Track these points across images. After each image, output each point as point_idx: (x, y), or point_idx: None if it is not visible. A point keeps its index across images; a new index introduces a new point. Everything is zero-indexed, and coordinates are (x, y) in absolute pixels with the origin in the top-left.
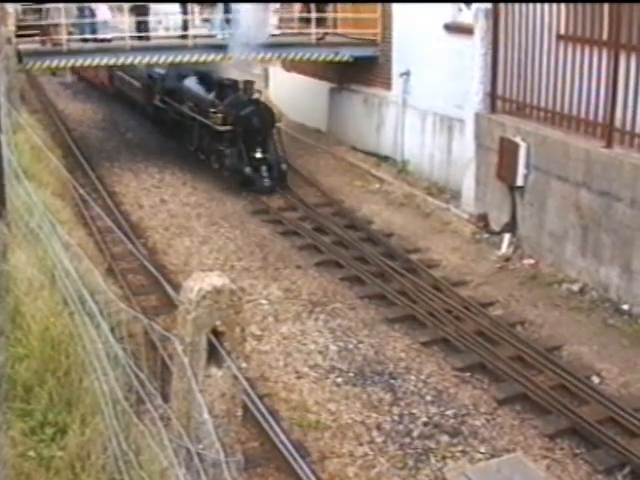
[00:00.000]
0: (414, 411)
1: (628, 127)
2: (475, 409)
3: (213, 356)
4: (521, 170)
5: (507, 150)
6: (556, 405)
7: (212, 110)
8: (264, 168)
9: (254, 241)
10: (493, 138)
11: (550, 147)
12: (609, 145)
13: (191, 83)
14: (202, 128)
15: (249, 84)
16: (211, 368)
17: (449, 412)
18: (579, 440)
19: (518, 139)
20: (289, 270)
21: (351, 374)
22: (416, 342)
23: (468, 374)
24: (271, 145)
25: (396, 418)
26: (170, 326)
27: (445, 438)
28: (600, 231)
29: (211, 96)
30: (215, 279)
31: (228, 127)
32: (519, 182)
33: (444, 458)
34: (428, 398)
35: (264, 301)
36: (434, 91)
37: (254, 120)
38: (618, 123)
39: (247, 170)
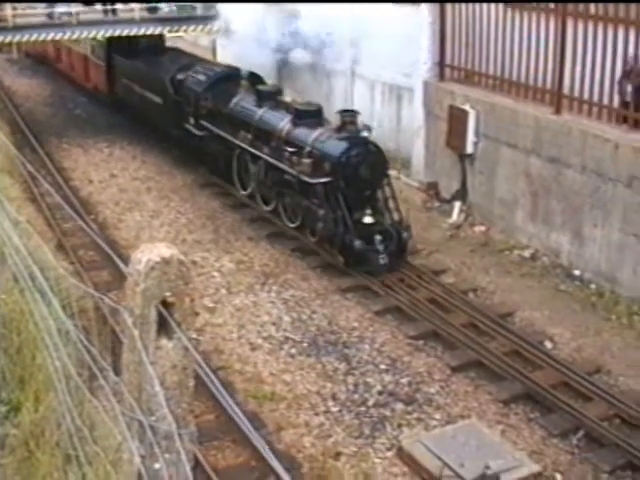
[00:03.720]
0: (369, 380)
1: (576, 94)
2: (429, 377)
3: (163, 327)
4: (470, 138)
5: (456, 118)
6: (510, 371)
7: (291, 150)
8: (378, 238)
9: (205, 214)
10: (442, 106)
11: (499, 114)
12: (558, 112)
13: (246, 101)
14: (272, 171)
15: (350, 115)
16: (161, 340)
17: (404, 380)
18: (533, 405)
19: (467, 107)
20: (241, 242)
21: (305, 344)
22: (369, 311)
23: (422, 342)
24: (382, 202)
25: (351, 387)
26: (122, 300)
27: (400, 406)
28: (550, 198)
29: (285, 124)
30: (163, 250)
31: (322, 179)
32: (469, 150)
33: (400, 426)
34: (382, 367)
35: (216, 273)
36: (383, 60)
37: (362, 170)
38: (566, 90)
39: (357, 244)
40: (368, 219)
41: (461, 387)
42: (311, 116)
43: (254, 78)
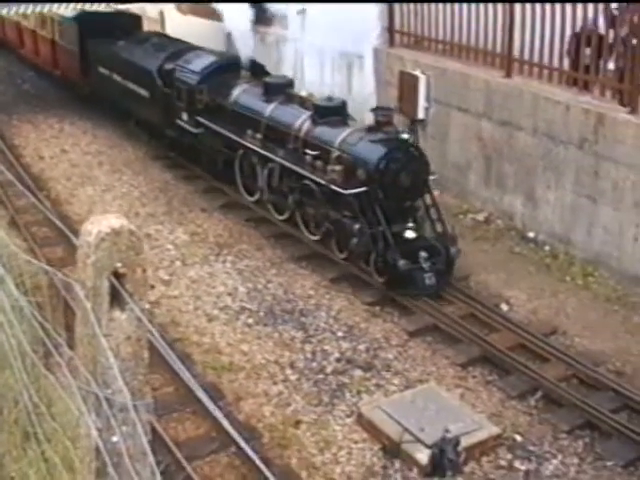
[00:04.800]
0: (326, 347)
1: (527, 56)
2: (387, 342)
3: (116, 299)
4: (422, 103)
5: (407, 84)
6: (466, 334)
7: (313, 153)
8: (423, 255)
9: (158, 187)
10: (392, 72)
11: (450, 79)
12: (508, 75)
13: (251, 94)
14: (289, 177)
15: (386, 114)
16: (114, 311)
17: (361, 347)
18: (491, 368)
19: (417, 72)
20: (194, 214)
21: (261, 314)
22: (325, 279)
23: (378, 308)
24: (424, 214)
25: (309, 355)
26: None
27: (359, 373)
28: (503, 161)
29: (303, 123)
30: (113, 221)
31: (356, 189)
32: (420, 115)
33: (359, 392)
34: (340, 334)
35: (170, 246)
36: (332, 28)
37: (403, 177)
38: (516, 53)
39: (402, 264)
40: (410, 233)
41: (419, 352)
42: (334, 113)
43: (256, 68)
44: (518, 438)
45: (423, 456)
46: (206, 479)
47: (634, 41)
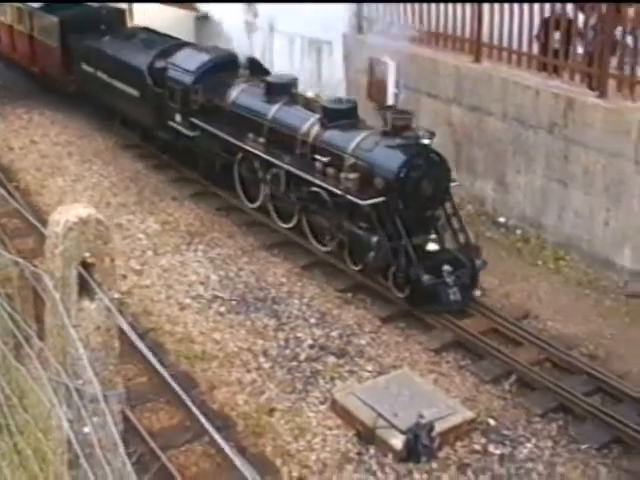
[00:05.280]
0: (299, 335)
1: (495, 41)
2: (360, 329)
3: (85, 289)
4: (391, 89)
5: (376, 70)
6: (439, 320)
7: (324, 160)
8: (447, 269)
9: (128, 176)
10: (362, 59)
11: (420, 65)
12: (477, 60)
13: (251, 94)
14: (296, 184)
15: (404, 117)
16: (83, 301)
17: (334, 333)
18: (464, 353)
19: (387, 58)
20: (165, 203)
21: (234, 302)
22: (297, 266)
23: (350, 295)
24: (445, 223)
25: (282, 343)
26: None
27: (332, 359)
28: (473, 146)
29: (311, 126)
30: (81, 210)
31: (374, 199)
32: (390, 101)
33: (332, 379)
34: (312, 321)
35: (142, 235)
36: (301, 14)
37: (424, 185)
38: (485, 38)
39: (426, 280)
40: (433, 246)
41: (392, 338)
42: (344, 116)
43: (254, 66)
44: (492, 422)
45: (398, 442)
46: (181, 468)
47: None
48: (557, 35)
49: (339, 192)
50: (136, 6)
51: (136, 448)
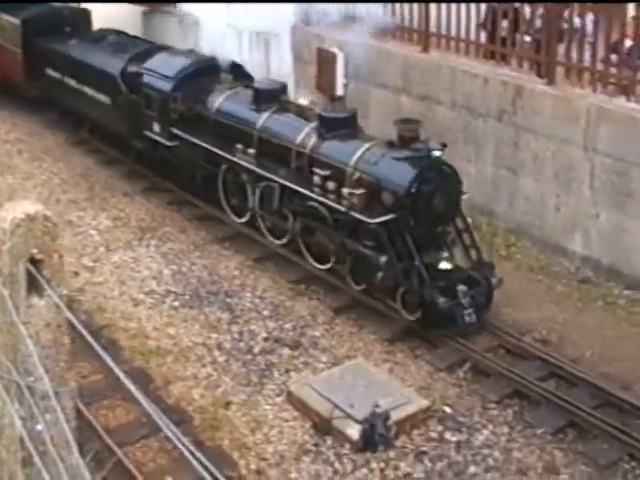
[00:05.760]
0: (253, 327)
1: (443, 31)
2: (313, 320)
3: (34, 286)
4: (340, 80)
5: (325, 61)
6: (393, 309)
7: (323, 173)
8: (462, 289)
9: (79, 173)
10: (310, 50)
11: (367, 55)
12: (426, 50)
13: (237, 102)
14: (291, 199)
15: (411, 128)
16: (32, 298)
17: (288, 325)
18: (418, 342)
19: (335, 49)
20: (116, 198)
21: (187, 297)
22: (249, 259)
23: (303, 286)
24: (456, 238)
25: (236, 336)
26: None
27: (286, 351)
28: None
29: (307, 137)
30: (28, 207)
31: (383, 216)
32: (339, 92)
33: (287, 371)
34: (266, 313)
35: (93, 232)
36: (248, 7)
37: (436, 201)
38: (433, 28)
39: (443, 302)
40: (445, 264)
41: (345, 328)
42: (343, 125)
43: (237, 70)
44: (448, 410)
45: (354, 432)
46: (138, 465)
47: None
48: (505, 23)
49: (343, 209)
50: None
51: (92, 445)
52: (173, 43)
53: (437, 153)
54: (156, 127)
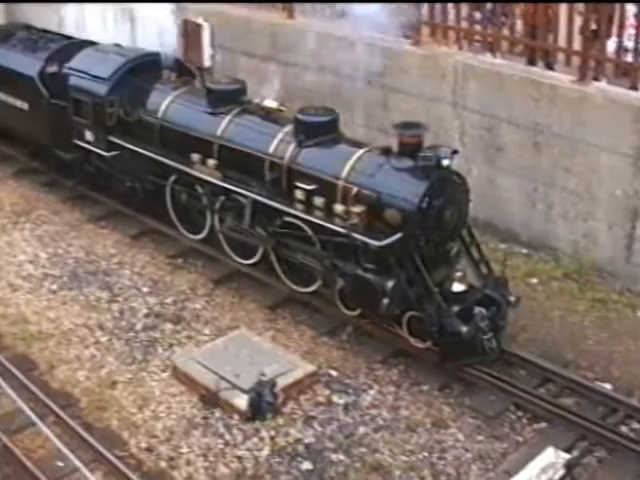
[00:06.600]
0: (134, 305)
1: None
2: (193, 293)
3: None
4: (207, 51)
5: (191, 33)
6: (272, 276)
7: (308, 188)
8: (479, 313)
9: None
10: (177, 23)
11: (234, 25)
12: (290, 16)
13: (188, 105)
14: (266, 216)
15: (415, 134)
16: None
17: (168, 300)
18: (300, 308)
19: (201, 20)
20: None
21: (65, 279)
22: (126, 236)
23: (181, 260)
24: (463, 253)
25: (117, 315)
26: None
27: (169, 326)
28: (293, 100)
29: (283, 145)
30: None
31: (390, 237)
32: (206, 63)
33: (171, 346)
34: (145, 290)
35: None
36: None
37: (447, 215)
38: None
39: (466, 333)
40: (459, 286)
41: (226, 299)
42: (324, 130)
43: (182, 68)
44: (334, 373)
45: (242, 402)
46: (28, 452)
47: None
48: None
49: (343, 230)
50: None
51: None
52: (37, 24)
53: (447, 162)
54: (89, 135)
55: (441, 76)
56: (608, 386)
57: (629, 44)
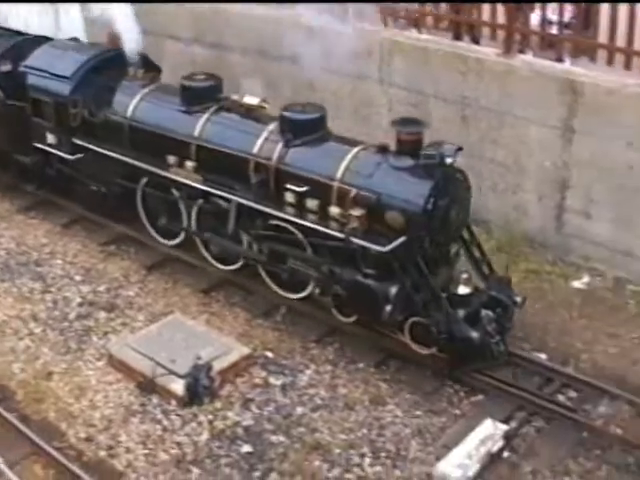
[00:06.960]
0: (67, 294)
1: None
2: (126, 280)
3: None
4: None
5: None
6: (205, 262)
7: (299, 190)
8: (486, 315)
9: None
10: (98, 8)
11: (157, 9)
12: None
13: (160, 104)
14: (251, 219)
15: (414, 131)
16: None
17: (101, 288)
18: (234, 290)
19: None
20: None
21: None
22: (57, 225)
23: (113, 247)
24: (464, 252)
25: (50, 305)
26: None
27: (103, 314)
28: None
29: (268, 145)
30: None
31: (393, 242)
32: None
33: (106, 334)
34: (78, 278)
35: None
36: None
37: (452, 215)
38: None
39: (477, 338)
40: (464, 289)
41: (160, 285)
42: (312, 128)
43: (149, 64)
44: (270, 355)
45: (178, 387)
46: None
47: None
48: None
49: (341, 235)
50: None
51: None
52: None
53: (450, 160)
54: (51, 138)
55: (367, 53)
56: (544, 356)
57: (553, 17)
